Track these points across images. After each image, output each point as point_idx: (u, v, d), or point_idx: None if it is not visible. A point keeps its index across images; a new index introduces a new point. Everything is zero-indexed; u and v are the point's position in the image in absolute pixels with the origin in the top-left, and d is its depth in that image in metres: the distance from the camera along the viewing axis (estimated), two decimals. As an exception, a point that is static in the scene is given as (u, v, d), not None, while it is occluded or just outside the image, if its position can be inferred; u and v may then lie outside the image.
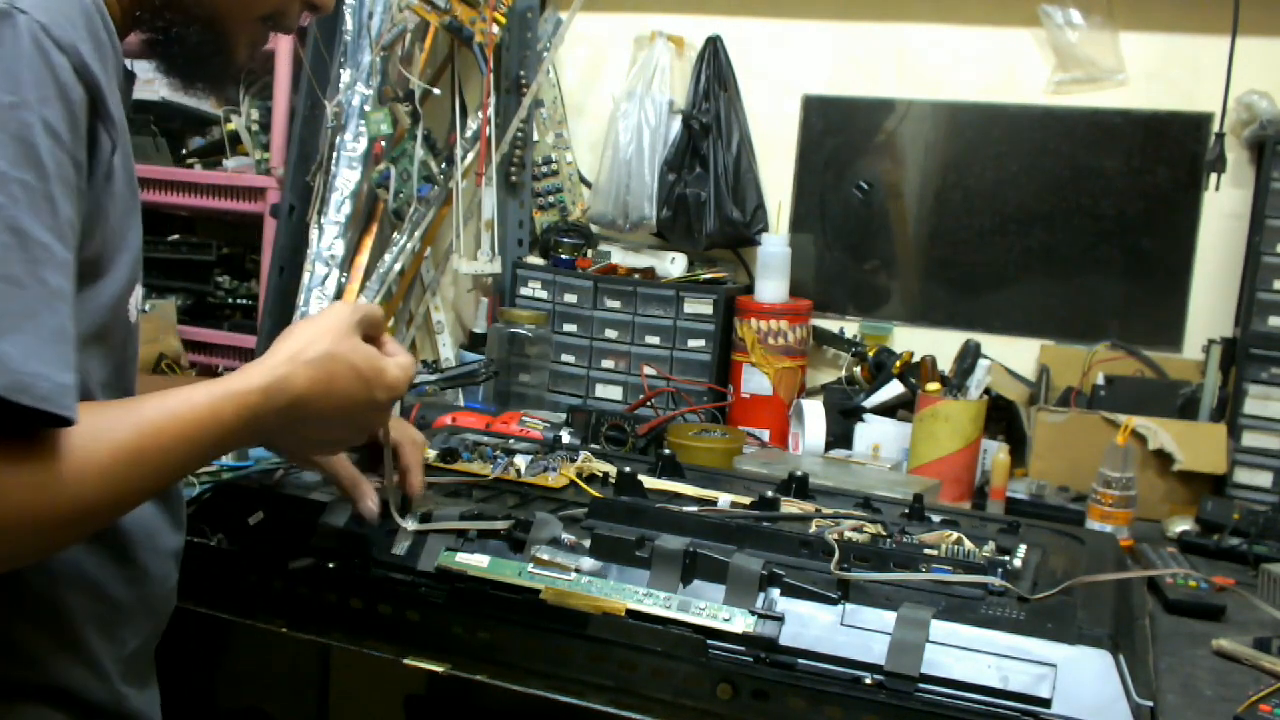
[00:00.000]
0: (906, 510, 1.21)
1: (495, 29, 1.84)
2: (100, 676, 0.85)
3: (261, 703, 1.36)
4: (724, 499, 1.22)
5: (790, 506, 1.20)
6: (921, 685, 0.90)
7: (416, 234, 1.91)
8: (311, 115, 1.90)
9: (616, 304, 1.88)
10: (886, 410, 1.73)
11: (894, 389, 1.73)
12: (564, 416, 1.66)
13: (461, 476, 1.24)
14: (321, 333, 0.88)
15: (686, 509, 1.16)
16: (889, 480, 1.48)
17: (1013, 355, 1.81)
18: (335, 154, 1.85)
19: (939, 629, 0.92)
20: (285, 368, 0.84)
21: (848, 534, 1.11)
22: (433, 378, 1.73)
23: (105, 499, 0.71)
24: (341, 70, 1.86)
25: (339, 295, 1.85)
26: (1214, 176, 1.64)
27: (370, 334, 0.92)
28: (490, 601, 1.01)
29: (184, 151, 2.19)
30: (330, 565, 1.07)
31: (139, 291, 0.86)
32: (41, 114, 0.68)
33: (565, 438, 1.47)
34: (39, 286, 0.66)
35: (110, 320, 0.80)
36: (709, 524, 1.09)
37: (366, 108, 1.84)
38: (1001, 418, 1.73)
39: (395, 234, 1.91)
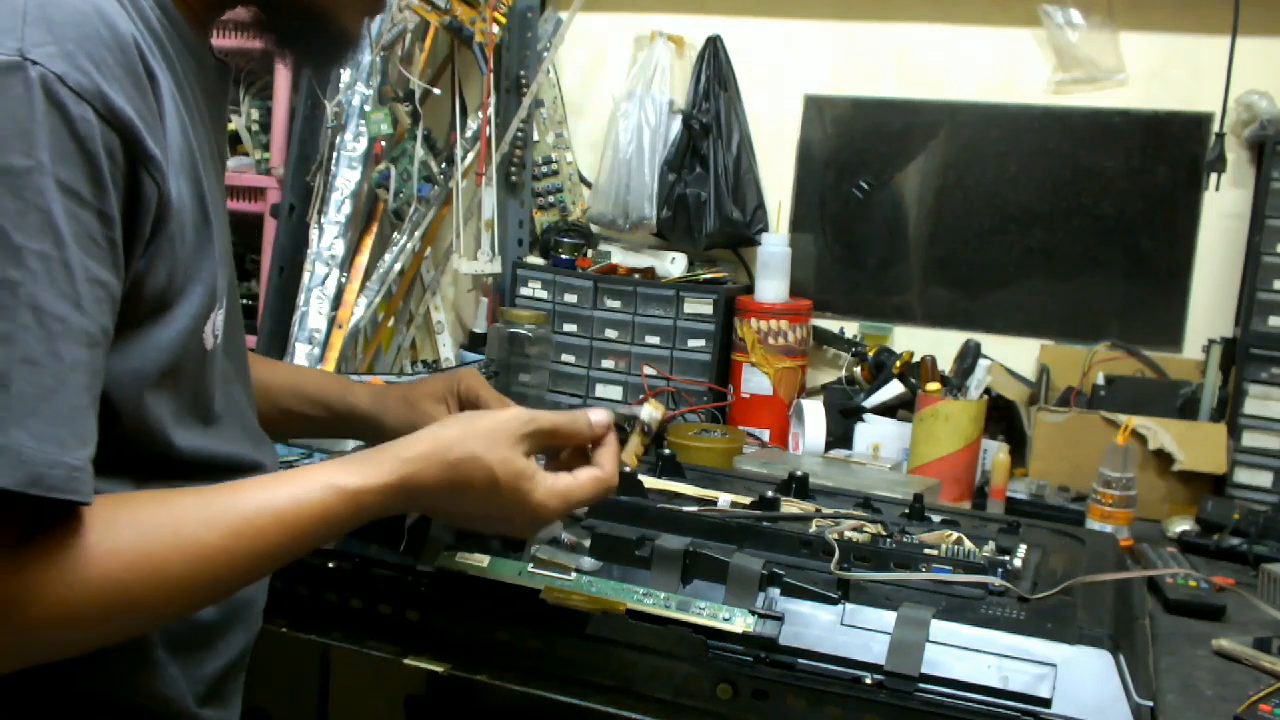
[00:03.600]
0: (906, 510, 1.21)
1: (495, 29, 1.84)
2: (176, 696, 0.83)
3: (261, 703, 1.36)
4: (724, 499, 1.22)
5: (790, 506, 1.20)
6: (921, 685, 0.90)
7: (416, 234, 1.91)
8: (311, 115, 1.90)
9: (616, 304, 1.88)
10: (886, 410, 1.73)
11: (894, 389, 1.73)
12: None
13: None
14: (476, 434, 0.84)
15: (686, 509, 1.16)
16: (889, 480, 1.48)
17: (1013, 355, 1.81)
18: (335, 154, 1.85)
19: (939, 629, 0.92)
20: (417, 465, 0.81)
21: (848, 534, 1.11)
22: (433, 378, 1.73)
23: (119, 600, 0.68)
24: (341, 70, 1.86)
25: (339, 295, 1.85)
26: (1214, 176, 1.64)
27: (548, 446, 0.89)
28: (490, 601, 1.01)
29: (184, 151, 2.19)
30: (330, 565, 1.07)
31: (220, 315, 0.82)
32: (57, 175, 0.65)
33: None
34: (55, 363, 0.64)
35: (183, 353, 0.77)
36: (709, 524, 1.09)
37: (366, 108, 1.85)
38: (1001, 418, 1.73)
39: (395, 234, 1.91)
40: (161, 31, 0.77)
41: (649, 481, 1.25)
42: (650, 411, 1.01)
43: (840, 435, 1.73)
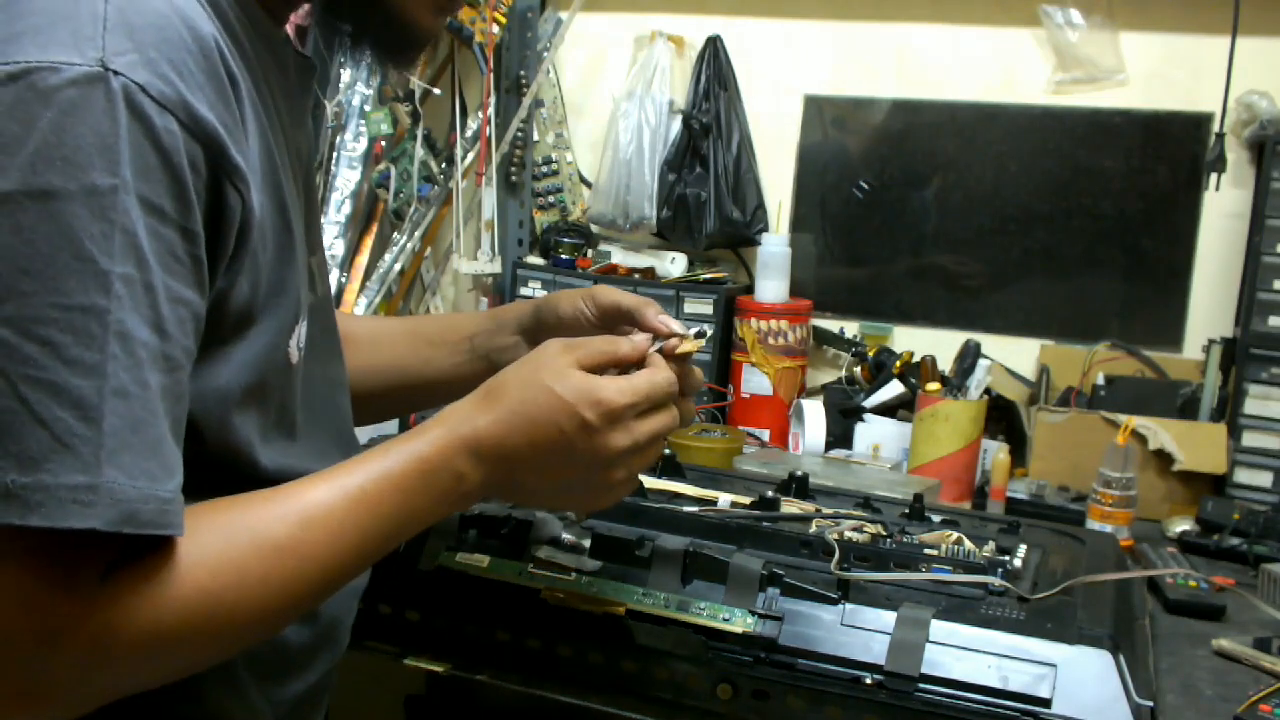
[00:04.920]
0: (906, 510, 1.21)
1: (495, 29, 1.84)
2: (257, 718, 0.81)
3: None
4: (724, 499, 1.22)
5: (790, 506, 1.20)
6: (921, 685, 0.90)
7: (416, 234, 1.91)
8: (311, 115, 1.90)
9: (616, 304, 1.88)
10: (886, 410, 1.73)
11: (894, 389, 1.73)
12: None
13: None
14: (516, 364, 0.81)
15: (686, 509, 1.16)
16: (889, 480, 1.48)
17: (1013, 355, 1.81)
18: (335, 154, 1.85)
19: (939, 629, 0.92)
20: (464, 409, 0.78)
21: (848, 534, 1.11)
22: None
23: (209, 614, 0.66)
24: (341, 70, 1.86)
25: (339, 295, 1.85)
26: (1214, 176, 1.64)
27: (597, 365, 0.82)
28: (490, 601, 1.01)
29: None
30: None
31: (301, 328, 0.79)
32: (140, 191, 0.62)
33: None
34: (142, 392, 0.62)
35: (267, 369, 0.75)
36: (709, 524, 1.09)
37: (366, 108, 1.85)
38: (1001, 418, 1.73)
39: (395, 234, 1.91)
40: (239, 28, 0.73)
41: (649, 481, 1.25)
42: (690, 325, 0.97)
43: (840, 435, 1.73)
